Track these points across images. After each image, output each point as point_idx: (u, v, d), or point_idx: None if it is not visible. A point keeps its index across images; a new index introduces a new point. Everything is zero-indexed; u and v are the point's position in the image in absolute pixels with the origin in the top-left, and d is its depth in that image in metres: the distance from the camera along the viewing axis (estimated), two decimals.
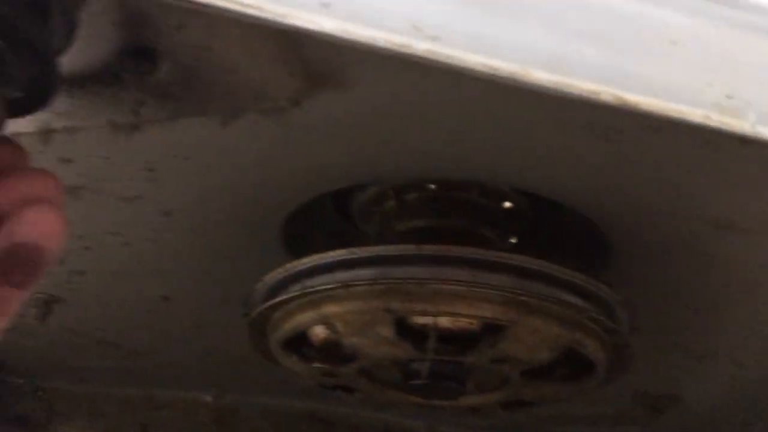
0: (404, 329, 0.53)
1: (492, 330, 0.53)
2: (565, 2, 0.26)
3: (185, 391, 0.89)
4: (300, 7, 0.23)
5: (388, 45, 0.23)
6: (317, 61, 0.36)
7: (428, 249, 0.52)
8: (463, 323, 0.53)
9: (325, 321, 0.54)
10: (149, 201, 0.56)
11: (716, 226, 0.54)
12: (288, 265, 0.55)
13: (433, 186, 0.61)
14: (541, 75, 0.25)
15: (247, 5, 0.23)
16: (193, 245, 0.64)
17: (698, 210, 0.53)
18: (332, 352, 0.57)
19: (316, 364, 0.59)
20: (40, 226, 0.29)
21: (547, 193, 0.58)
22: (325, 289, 0.53)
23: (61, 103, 0.39)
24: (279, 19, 0.23)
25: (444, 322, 0.52)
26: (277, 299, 0.55)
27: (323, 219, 0.67)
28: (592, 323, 0.54)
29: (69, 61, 0.32)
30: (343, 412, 0.93)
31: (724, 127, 0.26)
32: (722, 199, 0.50)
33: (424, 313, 0.52)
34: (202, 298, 0.73)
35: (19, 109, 0.31)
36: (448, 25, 0.25)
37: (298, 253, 0.66)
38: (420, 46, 0.24)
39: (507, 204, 0.63)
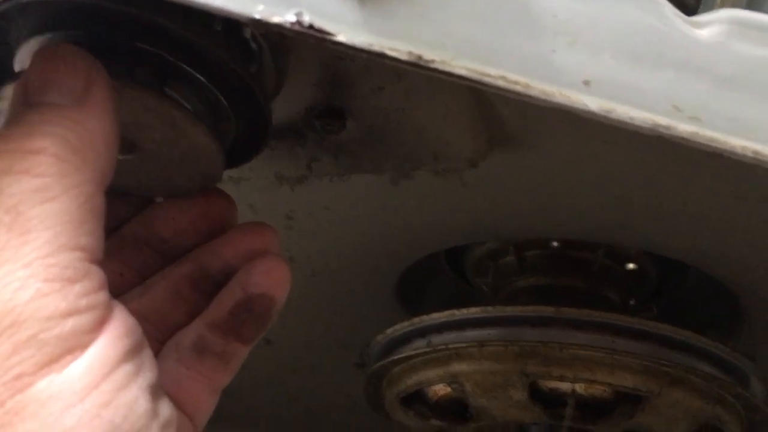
0: (536, 393, 0.51)
1: (627, 400, 0.51)
2: None
3: None
4: (564, 86, 0.23)
5: (648, 125, 0.23)
6: (503, 122, 0.35)
7: (567, 312, 0.50)
8: (597, 391, 0.51)
9: (454, 379, 0.53)
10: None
11: None
12: (415, 320, 0.54)
13: (555, 243, 0.60)
14: None
15: (514, 82, 0.22)
16: (305, 291, 0.63)
17: None
18: (452, 410, 0.56)
19: (434, 421, 0.57)
20: (273, 277, 0.29)
21: (679, 256, 0.56)
22: (457, 347, 0.52)
23: None
24: (544, 97, 0.22)
25: (581, 389, 0.51)
26: (403, 354, 0.54)
27: (437, 273, 0.66)
28: (733, 398, 0.52)
29: None
30: None
31: None
32: None
33: (562, 379, 0.50)
34: (303, 342, 0.72)
35: (233, 160, 0.31)
36: (708, 106, 0.24)
37: (410, 306, 0.65)
38: (682, 128, 0.23)
39: (631, 265, 0.61)
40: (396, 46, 0.22)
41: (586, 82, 0.23)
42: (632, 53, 0.24)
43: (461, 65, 0.22)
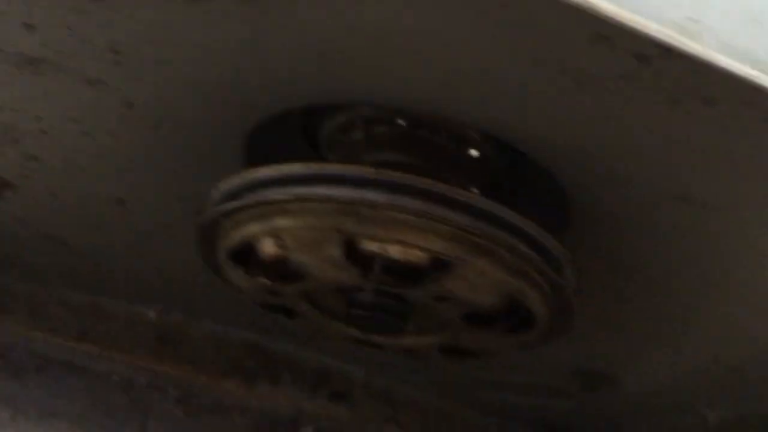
0: (353, 253, 0.53)
1: (438, 267, 0.53)
2: None
3: (129, 303, 0.88)
4: None
5: None
6: None
7: (387, 174, 0.51)
8: (411, 256, 0.52)
9: (275, 234, 0.54)
10: (112, 88, 0.55)
11: (675, 197, 0.54)
12: (244, 173, 0.55)
13: (402, 122, 0.60)
14: None
15: None
16: (152, 144, 0.62)
17: (660, 179, 0.53)
18: (279, 268, 0.57)
19: (261, 279, 0.58)
20: None
21: (513, 140, 0.57)
22: (279, 201, 0.52)
23: None
24: None
25: (393, 251, 0.52)
26: (229, 206, 0.54)
27: (289, 140, 0.66)
28: (539, 276, 0.54)
29: None
30: (283, 349, 0.92)
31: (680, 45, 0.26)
32: (684, 169, 0.50)
33: (374, 238, 0.51)
34: (157, 205, 0.71)
35: None
36: None
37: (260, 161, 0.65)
38: None
39: (474, 152, 0.62)
40: None
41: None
42: None
43: None
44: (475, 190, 0.65)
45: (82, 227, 0.76)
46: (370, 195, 0.51)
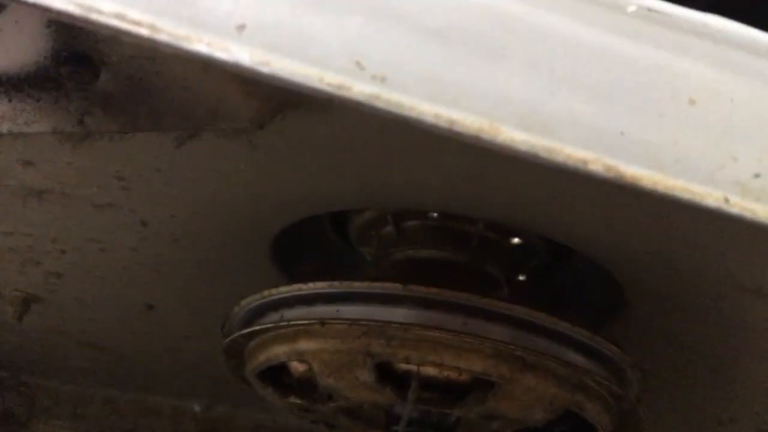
0: (386, 374, 0.48)
1: (482, 385, 0.47)
2: (550, 43, 0.20)
3: (174, 399, 0.86)
4: (210, 30, 0.18)
5: (312, 84, 0.18)
6: None
7: (417, 290, 0.46)
8: (452, 374, 0.47)
9: (300, 357, 0.49)
10: (124, 210, 0.52)
11: (743, 290, 0.48)
12: (265, 292, 0.51)
13: (435, 214, 0.56)
14: (514, 134, 0.19)
15: (135, 22, 0.18)
16: (174, 256, 0.59)
17: (725, 272, 0.47)
18: (309, 389, 0.52)
19: (293, 399, 0.54)
20: None
21: (561, 238, 0.52)
22: (301, 324, 0.48)
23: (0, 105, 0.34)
24: (176, 43, 0.18)
25: (429, 370, 0.47)
26: (252, 328, 0.51)
27: (319, 235, 0.62)
28: (596, 385, 0.48)
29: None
30: None
31: (746, 214, 0.20)
32: (752, 263, 0.44)
33: (407, 360, 0.46)
34: (188, 309, 0.69)
35: None
36: (398, 64, 0.19)
37: (288, 269, 0.61)
38: (358, 89, 0.19)
39: (516, 240, 0.57)
40: None
41: (240, 27, 0.19)
42: None
43: None
44: (522, 278, 0.60)
45: (116, 332, 0.74)
46: (399, 314, 0.46)
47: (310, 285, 0.48)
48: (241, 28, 0.18)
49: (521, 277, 0.60)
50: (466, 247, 0.56)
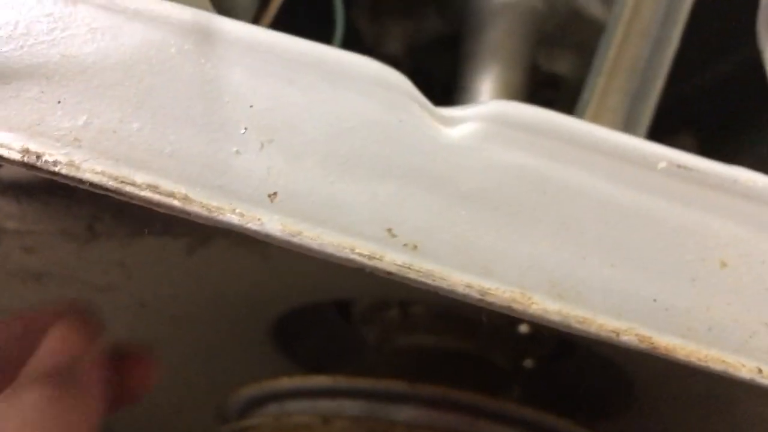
0: None
1: None
2: (579, 204, 0.20)
3: None
4: (242, 199, 0.18)
5: (345, 255, 0.18)
6: None
7: (423, 389, 0.45)
8: None
9: None
10: (124, 292, 0.51)
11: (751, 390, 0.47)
12: (266, 384, 0.50)
13: (440, 302, 0.55)
14: (546, 304, 0.19)
15: (168, 194, 0.18)
16: (173, 336, 0.58)
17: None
18: None
19: None
20: None
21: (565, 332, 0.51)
22: (302, 419, 0.47)
23: (7, 205, 0.34)
24: (207, 214, 0.18)
25: None
26: (251, 421, 0.49)
27: (321, 316, 0.61)
28: None
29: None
30: None
31: None
32: None
33: None
34: (181, 383, 0.68)
35: None
36: (432, 231, 0.19)
37: (289, 347, 0.60)
38: (390, 258, 0.18)
39: (524, 328, 0.56)
40: (9, 141, 0.17)
41: (272, 195, 0.18)
42: (346, 158, 0.19)
43: (93, 169, 0.17)
44: (529, 364, 0.59)
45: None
46: (405, 413, 0.45)
47: (314, 378, 0.47)
48: (273, 196, 0.18)
49: (529, 363, 0.59)
50: (472, 335, 0.55)
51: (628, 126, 0.53)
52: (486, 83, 0.67)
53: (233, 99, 0.18)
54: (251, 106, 0.19)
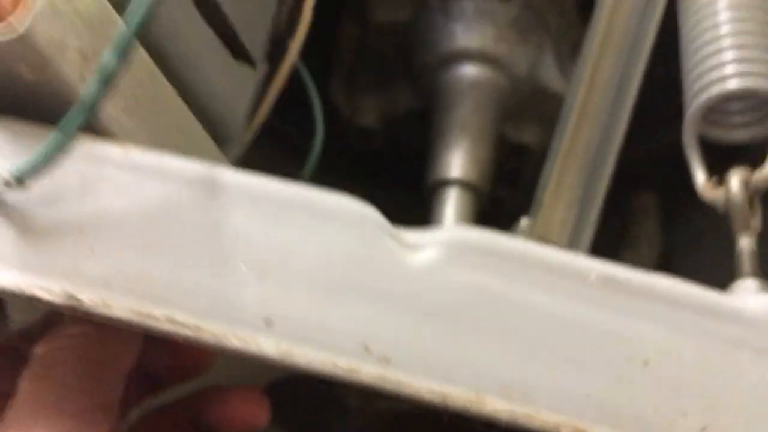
0: None
1: None
2: (524, 315, 0.24)
3: None
4: (242, 326, 0.22)
5: (329, 368, 0.22)
6: None
7: None
8: None
9: None
10: None
11: None
12: None
13: None
14: (497, 404, 0.23)
15: (182, 324, 0.21)
16: None
17: None
18: None
19: None
20: None
21: None
22: None
23: None
24: (215, 341, 0.22)
25: None
26: None
27: (307, 386, 0.65)
28: None
29: None
30: None
31: None
32: None
33: None
34: None
35: None
36: (401, 345, 0.23)
37: (279, 418, 0.63)
38: (366, 371, 0.22)
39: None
40: (51, 285, 0.21)
41: (268, 321, 0.22)
42: (328, 286, 0.23)
43: (122, 307, 0.21)
44: None
45: None
46: None
47: None
48: (269, 322, 0.22)
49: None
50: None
51: (584, 201, 0.58)
52: (455, 157, 0.72)
53: (234, 239, 0.22)
54: (249, 244, 0.23)
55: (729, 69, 0.34)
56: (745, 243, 0.29)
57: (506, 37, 0.74)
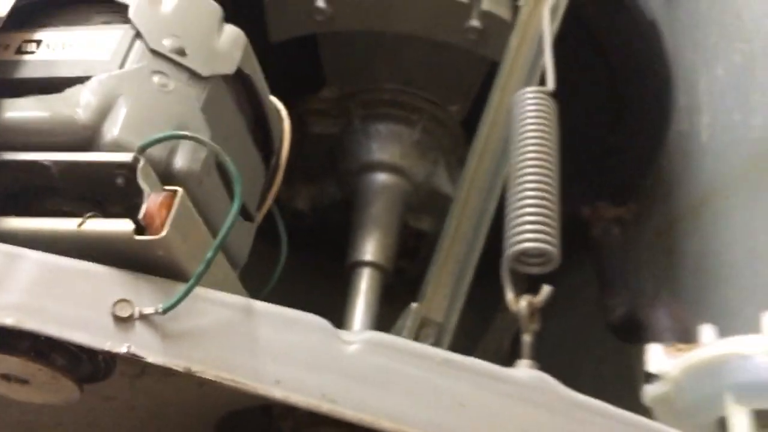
0: None
1: None
2: (405, 381, 0.48)
3: None
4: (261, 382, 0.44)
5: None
6: None
7: None
8: None
9: None
10: None
11: None
12: None
13: None
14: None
15: (232, 380, 0.44)
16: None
17: None
18: None
19: None
20: None
21: None
22: None
23: None
24: (251, 390, 0.44)
25: None
26: None
27: (252, 418, 0.85)
28: None
29: None
30: None
31: None
32: None
33: None
34: None
35: None
36: (344, 395, 0.47)
37: None
38: (327, 407, 0.46)
39: None
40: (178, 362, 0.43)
41: (277, 381, 0.45)
42: (306, 363, 0.46)
43: (213, 374, 0.43)
44: None
45: None
46: None
47: None
48: (278, 382, 0.45)
49: None
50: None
51: (457, 285, 0.81)
52: (368, 244, 0.96)
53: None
54: None
55: (528, 232, 0.59)
56: (527, 338, 0.54)
57: (410, 153, 0.99)
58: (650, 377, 0.74)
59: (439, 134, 1.03)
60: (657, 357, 0.72)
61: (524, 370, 0.52)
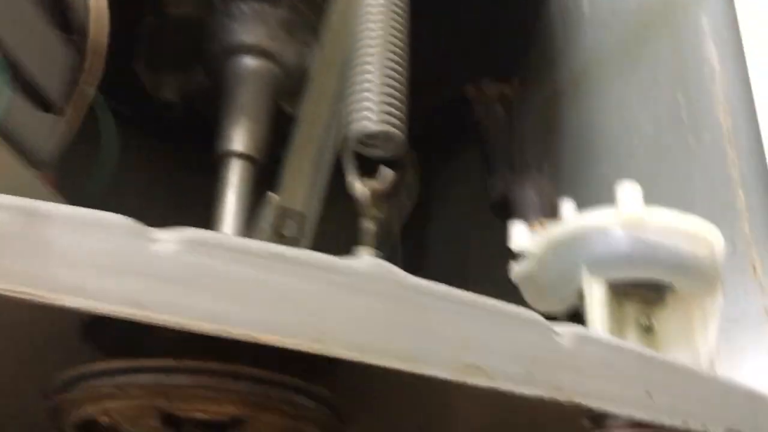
0: (169, 419, 0.70)
1: (237, 422, 0.71)
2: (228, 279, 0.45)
3: None
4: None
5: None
6: None
7: (187, 363, 0.69)
8: (213, 416, 0.71)
9: (106, 413, 0.70)
10: None
11: None
12: (78, 367, 0.71)
13: None
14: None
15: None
16: None
17: None
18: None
19: None
20: None
21: None
22: (105, 391, 0.69)
23: None
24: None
25: (199, 415, 0.70)
26: (65, 396, 0.70)
27: None
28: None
29: None
30: None
31: None
32: None
33: (182, 410, 0.69)
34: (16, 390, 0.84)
35: None
36: (155, 298, 0.43)
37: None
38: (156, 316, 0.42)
39: None
40: None
41: (79, 290, 0.41)
42: (108, 267, 0.42)
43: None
44: None
45: None
46: (175, 380, 0.68)
47: (112, 362, 0.70)
48: (79, 291, 0.41)
49: None
50: None
51: (314, 175, 0.77)
52: (237, 134, 0.91)
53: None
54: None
55: (373, 113, 0.55)
56: (368, 225, 0.51)
57: (277, 35, 0.92)
58: (517, 255, 0.73)
59: (308, 12, 0.96)
60: (520, 234, 0.71)
61: (364, 259, 0.50)
